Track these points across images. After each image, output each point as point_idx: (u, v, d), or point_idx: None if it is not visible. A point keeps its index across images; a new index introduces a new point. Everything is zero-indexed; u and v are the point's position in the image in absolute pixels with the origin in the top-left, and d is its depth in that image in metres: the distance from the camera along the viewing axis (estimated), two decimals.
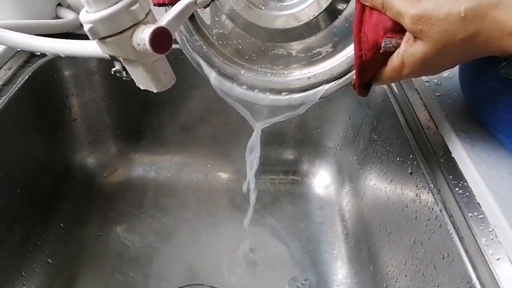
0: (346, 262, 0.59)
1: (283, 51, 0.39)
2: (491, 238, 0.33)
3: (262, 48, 0.39)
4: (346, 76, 0.38)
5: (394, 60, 0.33)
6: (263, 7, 0.37)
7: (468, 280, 0.32)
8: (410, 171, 0.45)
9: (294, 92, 0.40)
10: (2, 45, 0.46)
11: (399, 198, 0.47)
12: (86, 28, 0.30)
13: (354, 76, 0.36)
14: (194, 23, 0.39)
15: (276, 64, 0.40)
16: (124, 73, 0.35)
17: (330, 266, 0.59)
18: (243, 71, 0.40)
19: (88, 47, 0.37)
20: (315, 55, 0.39)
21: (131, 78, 0.35)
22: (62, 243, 0.57)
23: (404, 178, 0.47)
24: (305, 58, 0.39)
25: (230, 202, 0.67)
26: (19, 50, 0.54)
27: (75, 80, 0.60)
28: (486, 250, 0.32)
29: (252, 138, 0.46)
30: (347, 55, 0.37)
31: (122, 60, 0.33)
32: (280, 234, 0.63)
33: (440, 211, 0.37)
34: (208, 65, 0.40)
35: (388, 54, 0.33)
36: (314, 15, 0.37)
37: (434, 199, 0.39)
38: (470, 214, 0.35)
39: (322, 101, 0.39)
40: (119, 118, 0.67)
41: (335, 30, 0.37)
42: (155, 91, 0.35)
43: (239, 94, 0.40)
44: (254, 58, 0.40)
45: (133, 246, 0.60)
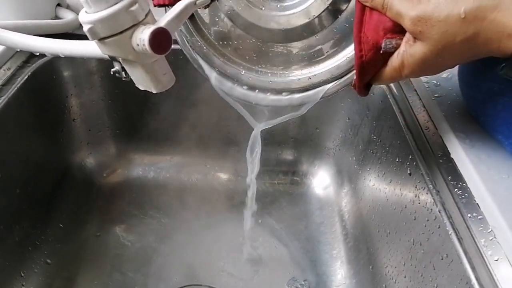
0: (345, 262, 0.59)
1: (284, 51, 0.39)
2: (490, 239, 0.33)
3: (263, 48, 0.39)
4: (346, 76, 0.38)
5: (394, 60, 0.33)
6: (263, 8, 0.37)
7: (467, 280, 0.32)
8: (409, 172, 0.45)
9: (295, 92, 0.40)
10: (1, 45, 0.46)
11: (398, 198, 0.47)
12: (86, 28, 0.30)
13: (355, 76, 0.36)
14: (195, 24, 0.39)
15: (276, 64, 0.40)
16: (123, 73, 0.35)
17: (329, 267, 0.59)
18: (244, 72, 0.40)
19: (87, 48, 0.36)
20: (316, 56, 0.39)
21: (131, 79, 0.35)
22: (61, 243, 0.57)
23: (403, 179, 0.47)
24: (305, 58, 0.39)
25: (229, 203, 0.67)
26: (19, 50, 0.53)
27: (75, 80, 0.60)
28: (485, 251, 0.33)
29: (252, 139, 0.46)
30: (348, 55, 0.37)
31: (121, 60, 0.33)
32: (279, 235, 0.63)
33: (439, 212, 0.37)
34: (208, 65, 0.40)
35: (388, 54, 0.33)
36: (315, 16, 0.37)
37: (433, 200, 0.39)
38: (469, 215, 0.35)
39: (321, 101, 0.40)
40: (119, 119, 0.66)
41: (336, 31, 0.37)
42: (155, 92, 0.35)
43: (240, 94, 0.40)
44: (255, 58, 0.40)
45: (132, 246, 0.60)
